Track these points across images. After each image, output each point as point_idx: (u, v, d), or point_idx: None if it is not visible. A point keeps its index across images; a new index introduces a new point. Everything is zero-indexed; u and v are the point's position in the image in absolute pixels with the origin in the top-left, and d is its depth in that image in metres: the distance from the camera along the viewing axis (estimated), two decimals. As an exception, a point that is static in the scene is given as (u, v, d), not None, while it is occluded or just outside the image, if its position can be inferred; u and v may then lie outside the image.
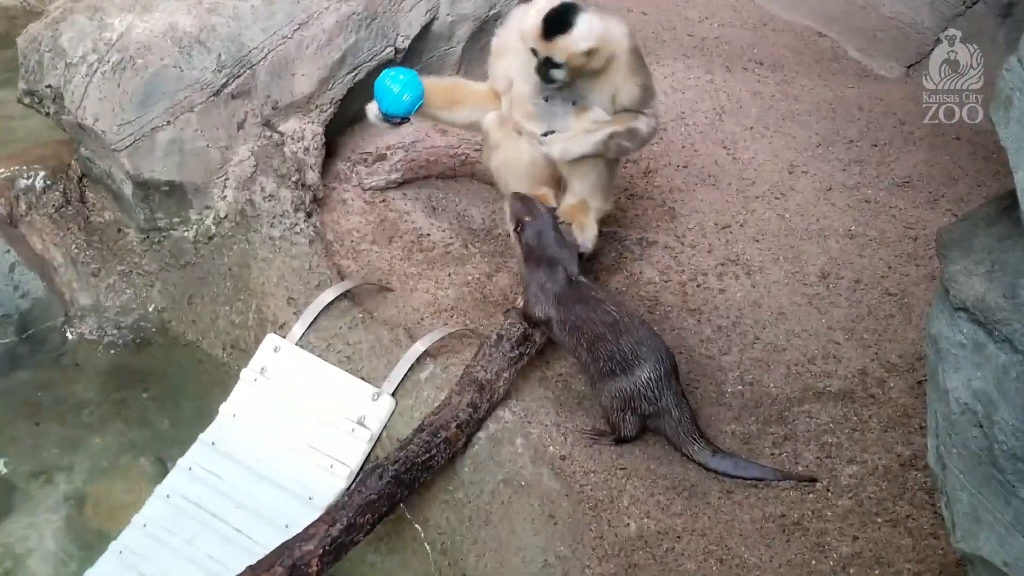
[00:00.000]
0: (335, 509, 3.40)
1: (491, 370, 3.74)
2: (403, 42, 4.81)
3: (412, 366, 3.85)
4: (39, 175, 4.52)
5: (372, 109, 4.07)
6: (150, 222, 4.39)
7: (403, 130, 4.47)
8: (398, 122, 4.04)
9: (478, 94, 4.19)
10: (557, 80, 3.86)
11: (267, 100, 4.45)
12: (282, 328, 4.08)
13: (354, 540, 3.37)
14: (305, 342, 4.02)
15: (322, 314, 4.05)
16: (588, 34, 3.77)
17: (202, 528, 3.66)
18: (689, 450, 3.59)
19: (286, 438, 3.83)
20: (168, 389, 4.23)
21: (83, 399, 4.17)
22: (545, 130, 3.99)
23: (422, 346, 3.88)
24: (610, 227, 4.47)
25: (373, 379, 3.89)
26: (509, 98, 4.07)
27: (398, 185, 4.76)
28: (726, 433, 3.72)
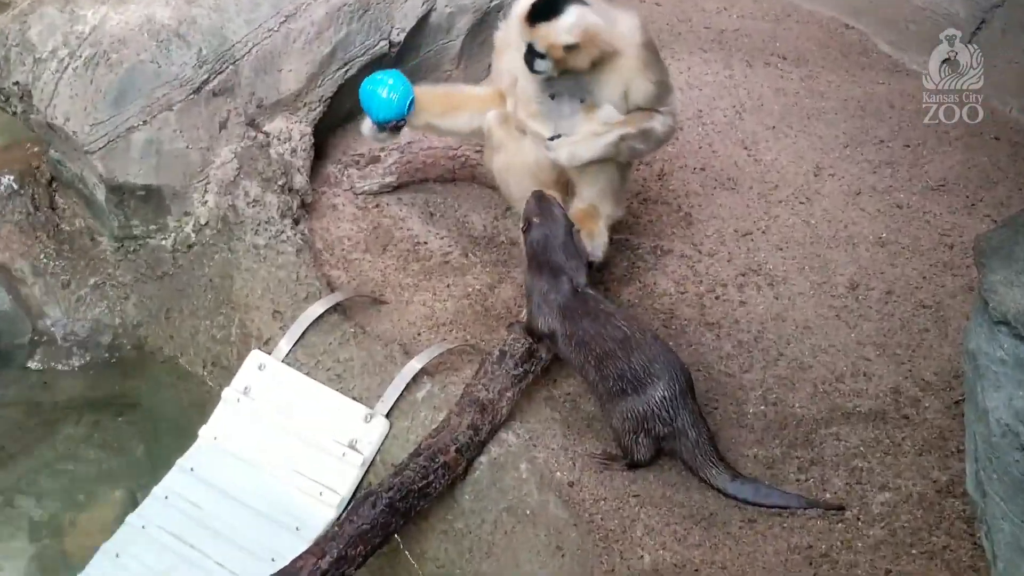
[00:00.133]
0: (324, 540, 3.40)
1: (493, 389, 3.74)
2: (398, 35, 4.82)
3: (408, 385, 3.85)
4: (5, 179, 4.54)
5: (365, 125, 4.11)
6: (125, 230, 4.40)
7: (398, 130, 4.50)
8: (393, 126, 4.06)
9: (479, 97, 4.22)
10: (542, 71, 3.87)
11: (251, 98, 4.47)
12: (267, 344, 4.08)
13: (345, 574, 3.37)
14: (292, 359, 4.02)
15: (310, 329, 4.05)
16: (571, 27, 3.76)
17: (179, 561, 3.65)
18: (707, 475, 3.59)
19: (271, 463, 3.83)
20: (144, 411, 4.24)
21: (52, 422, 4.18)
22: (552, 130, 4.01)
23: (419, 363, 3.88)
24: (621, 234, 4.48)
25: (366, 399, 3.88)
26: (513, 96, 4.08)
27: (393, 189, 4.77)
28: (748, 457, 3.72)
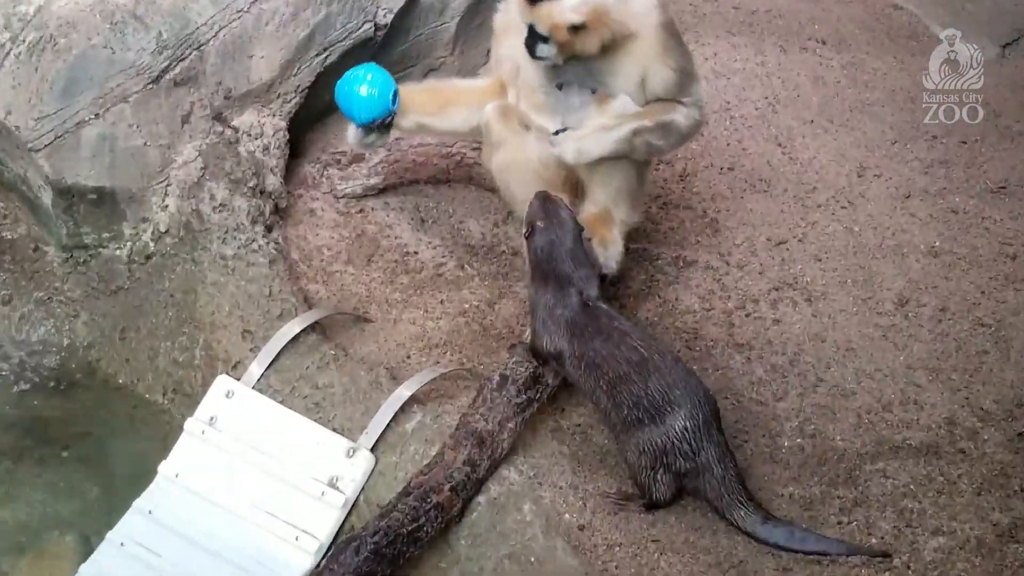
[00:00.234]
0: (301, 592, 3.38)
1: (493, 419, 3.72)
2: (385, 16, 4.83)
3: (396, 415, 3.83)
4: (-63, 181, 4.53)
5: (350, 133, 4.12)
6: (74, 238, 4.39)
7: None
8: (380, 125, 4.06)
9: (476, 90, 4.22)
10: (545, 57, 3.87)
11: (218, 88, 4.46)
12: (236, 368, 4.07)
13: (324, 630, 3.36)
14: (264, 385, 4.00)
15: (285, 351, 4.03)
16: (577, 5, 3.75)
17: (137, 617, 3.65)
18: (735, 516, 3.57)
19: (240, 504, 3.81)
20: (96, 444, 4.21)
21: (-11, 458, 4.16)
22: (559, 124, 4.00)
23: (408, 391, 3.86)
24: (639, 243, 4.48)
25: (348, 431, 3.86)
26: (515, 87, 4.08)
27: (379, 192, 4.77)
28: (782, 497, 3.70)
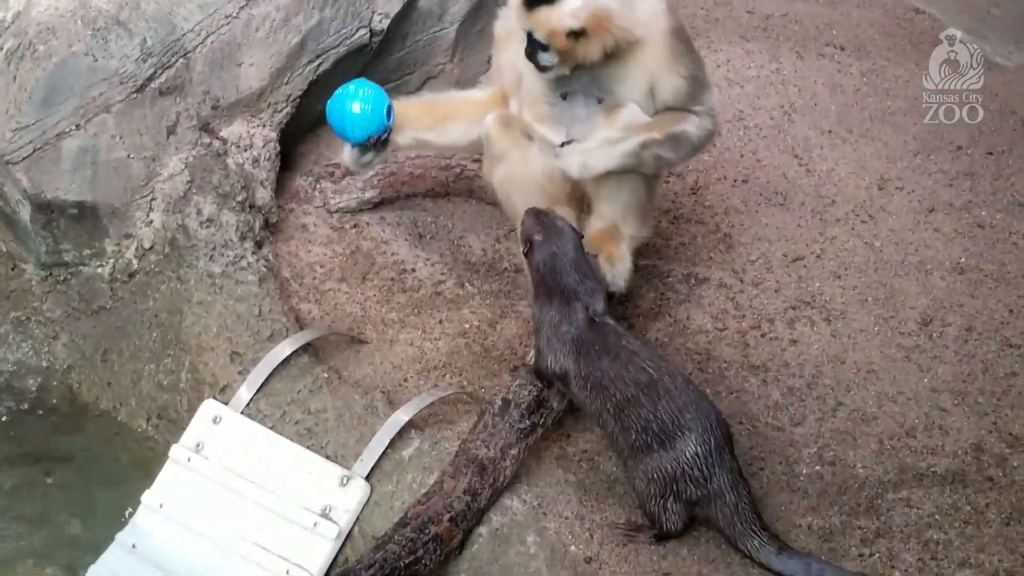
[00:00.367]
0: (292, 629, 3.39)
1: (495, 446, 3.72)
2: (381, 22, 4.84)
3: (392, 442, 3.83)
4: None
5: (345, 153, 4.12)
6: (54, 255, 4.40)
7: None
8: (376, 142, 4.06)
9: (475, 102, 4.23)
10: (546, 66, 3.87)
11: (205, 97, 4.47)
12: (224, 392, 4.07)
13: (317, 669, 3.36)
14: (254, 410, 4.00)
15: (275, 374, 4.03)
16: (576, 10, 3.75)
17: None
18: (748, 547, 3.55)
19: (229, 536, 3.81)
20: (76, 472, 4.21)
21: (-35, 486, 4.16)
22: (563, 136, 4.00)
23: (405, 415, 3.86)
24: (648, 259, 4.49)
25: (342, 458, 3.86)
26: (518, 96, 4.09)
27: (374, 206, 4.79)
28: (800, 528, 3.69)
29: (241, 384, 4.03)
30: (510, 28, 4.04)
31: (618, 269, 4.09)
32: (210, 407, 4.01)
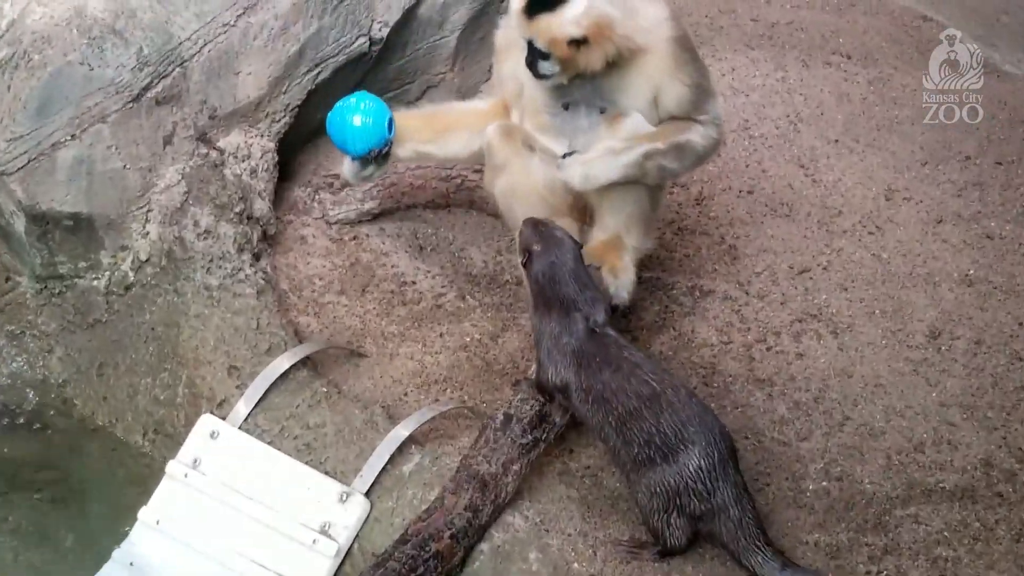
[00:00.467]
0: (291, 648, 3.39)
1: (496, 462, 3.72)
2: (380, 30, 4.84)
3: (392, 457, 3.83)
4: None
5: (346, 166, 4.13)
6: (49, 268, 4.40)
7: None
8: (377, 155, 4.06)
9: (476, 113, 4.23)
10: (546, 75, 3.87)
11: (202, 107, 4.48)
12: (221, 407, 4.07)
13: None
14: (251, 425, 4.00)
15: (273, 388, 4.03)
16: (577, 18, 3.75)
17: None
18: (752, 562, 3.55)
19: (226, 553, 3.81)
20: (72, 488, 4.21)
21: (-42, 502, 4.16)
22: (566, 146, 4.01)
23: (405, 430, 3.86)
24: (652, 272, 4.49)
25: (341, 474, 3.86)
26: (519, 106, 4.10)
27: (374, 217, 4.79)
28: (807, 544, 3.69)
29: (239, 398, 4.03)
30: (511, 38, 4.05)
31: (621, 281, 4.09)
32: (207, 422, 4.00)
